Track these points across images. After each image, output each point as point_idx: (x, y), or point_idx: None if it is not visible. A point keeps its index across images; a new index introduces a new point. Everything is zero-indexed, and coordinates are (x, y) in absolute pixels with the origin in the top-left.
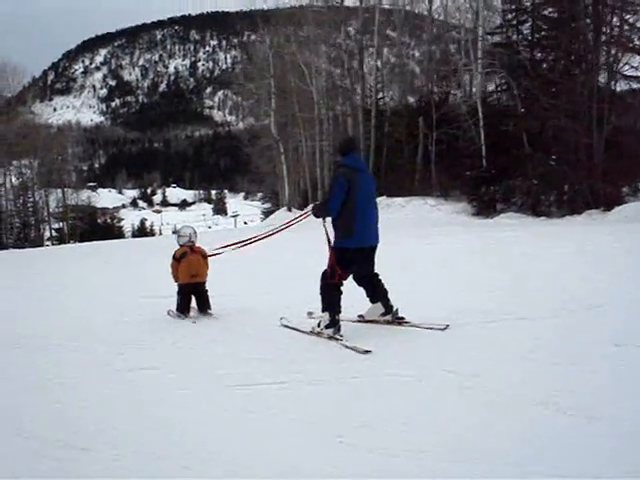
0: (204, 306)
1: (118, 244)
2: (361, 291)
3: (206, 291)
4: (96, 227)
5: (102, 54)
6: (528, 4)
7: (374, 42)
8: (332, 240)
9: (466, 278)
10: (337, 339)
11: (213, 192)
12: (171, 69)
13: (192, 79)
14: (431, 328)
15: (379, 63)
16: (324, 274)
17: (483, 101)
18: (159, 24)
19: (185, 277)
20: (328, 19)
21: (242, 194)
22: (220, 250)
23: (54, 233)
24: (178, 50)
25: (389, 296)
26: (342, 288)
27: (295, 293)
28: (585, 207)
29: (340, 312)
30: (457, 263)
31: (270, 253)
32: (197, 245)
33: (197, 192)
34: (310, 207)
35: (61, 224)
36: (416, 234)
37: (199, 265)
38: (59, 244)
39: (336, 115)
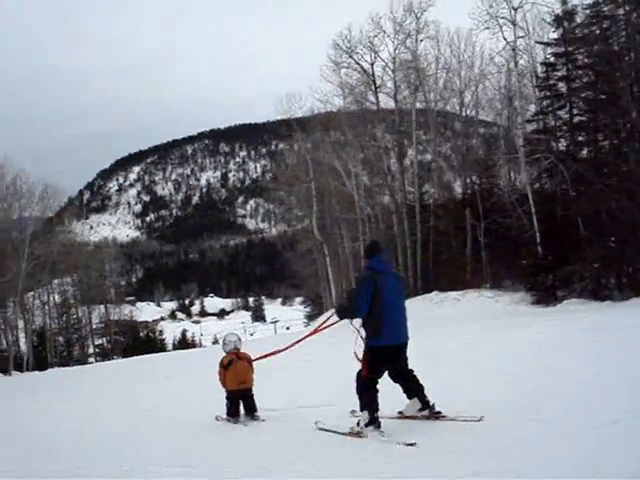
0: (251, 410)
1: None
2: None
3: (252, 395)
4: (138, 341)
5: (135, 171)
6: (564, 90)
7: (412, 140)
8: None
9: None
10: (382, 435)
11: (250, 299)
12: (203, 181)
13: (223, 190)
14: (465, 420)
15: (416, 159)
16: (359, 373)
17: (532, 188)
18: (189, 139)
19: (233, 384)
20: (362, 121)
21: (279, 300)
22: (262, 355)
23: (96, 349)
24: (209, 163)
25: (425, 391)
26: (379, 386)
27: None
28: None
29: (378, 409)
30: (546, 357)
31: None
32: (242, 351)
33: (234, 300)
34: (333, 310)
35: (103, 340)
36: (483, 327)
37: (246, 372)
38: (102, 360)
39: (376, 214)
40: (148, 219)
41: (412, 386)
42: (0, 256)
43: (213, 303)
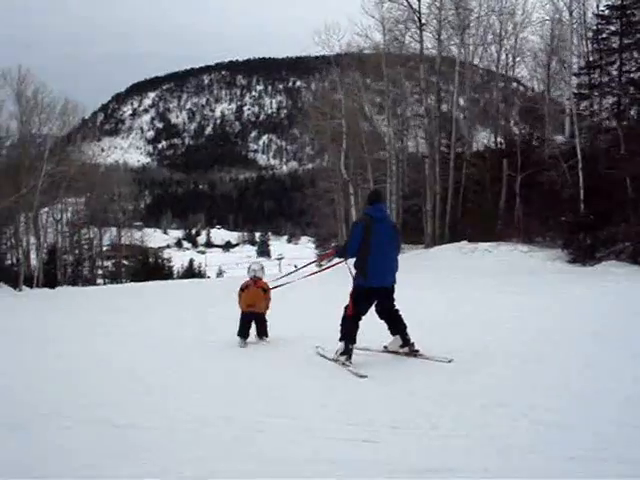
0: (260, 333)
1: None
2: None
3: (265, 320)
4: (147, 266)
5: (150, 97)
6: (616, 45)
7: (455, 83)
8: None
9: None
10: (347, 365)
11: (257, 234)
12: (217, 113)
13: (237, 123)
14: (436, 361)
15: (461, 101)
16: (345, 307)
17: (580, 142)
18: (206, 69)
19: (243, 306)
20: (400, 60)
21: (285, 237)
22: (278, 283)
23: (105, 272)
24: (224, 94)
25: (407, 330)
26: (360, 323)
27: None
28: None
29: (354, 342)
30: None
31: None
32: (262, 280)
33: (241, 234)
34: (334, 247)
35: (110, 262)
36: (526, 283)
37: (256, 297)
38: (111, 282)
39: (407, 156)
40: (160, 146)
41: (395, 324)
42: (17, 171)
43: (219, 235)
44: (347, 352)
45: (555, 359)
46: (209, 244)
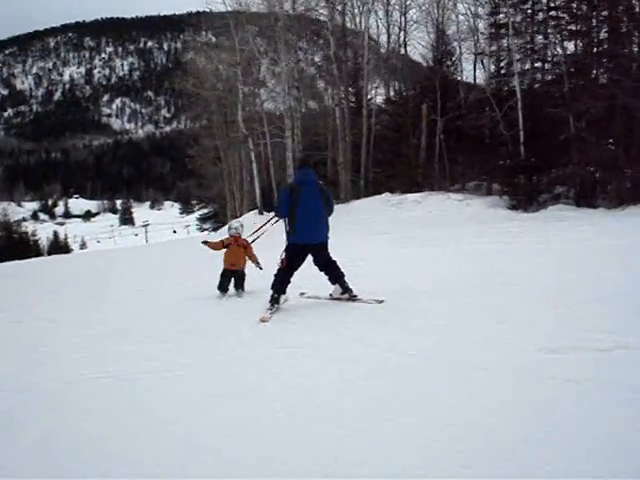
0: (238, 286)
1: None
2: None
3: (244, 275)
4: (11, 242)
5: None
6: None
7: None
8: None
9: None
10: (270, 311)
11: (118, 202)
12: (66, 77)
13: (88, 87)
14: (369, 302)
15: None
16: (280, 262)
17: (520, 81)
18: (52, 31)
19: (226, 263)
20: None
21: (148, 203)
22: (251, 238)
23: None
24: (72, 58)
25: (345, 279)
26: (293, 276)
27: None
28: None
29: (283, 292)
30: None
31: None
32: (241, 237)
33: (101, 202)
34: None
35: None
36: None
37: (238, 256)
38: None
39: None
40: (6, 114)
41: (333, 274)
42: None
43: (78, 205)
44: (276, 300)
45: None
46: (68, 214)
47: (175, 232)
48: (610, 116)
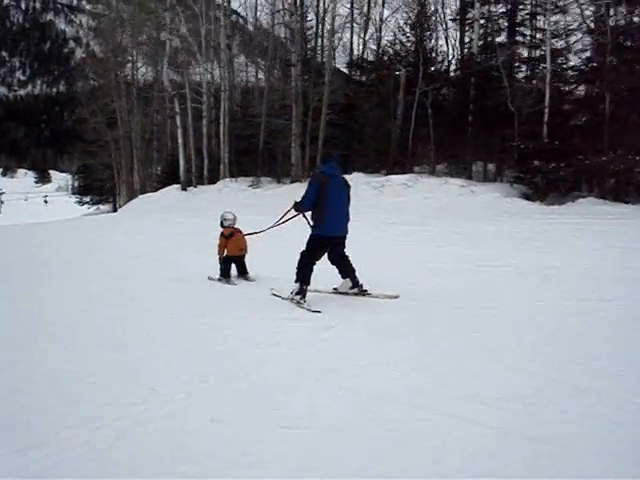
0: (244, 272)
1: None
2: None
3: (245, 261)
4: None
5: None
6: None
7: None
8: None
9: None
10: (301, 304)
11: None
12: None
13: None
14: (385, 297)
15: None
16: (302, 253)
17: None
18: None
19: (235, 251)
20: None
21: None
22: (253, 232)
23: None
24: None
25: (356, 274)
26: (315, 267)
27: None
28: None
29: (309, 284)
30: None
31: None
32: (236, 226)
33: None
34: (293, 204)
35: None
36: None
37: (244, 242)
38: None
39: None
40: None
41: (345, 269)
42: None
43: None
44: (302, 292)
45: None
46: None
47: (47, 202)
48: None
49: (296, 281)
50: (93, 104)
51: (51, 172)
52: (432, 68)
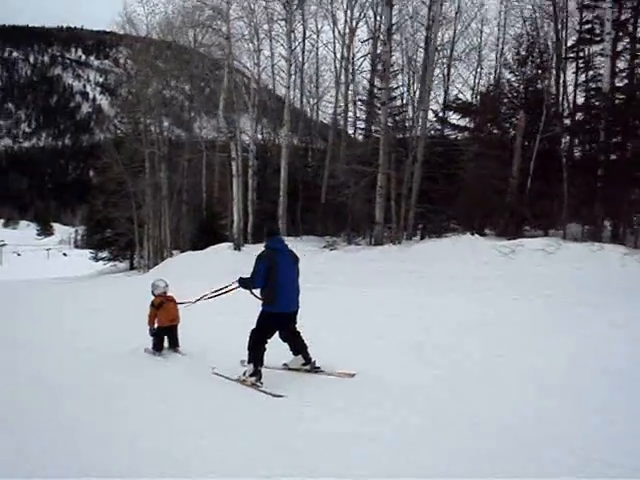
0: (175, 344)
1: None
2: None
3: (177, 332)
4: None
5: None
6: None
7: None
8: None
9: None
10: (257, 386)
11: None
12: None
13: None
14: (339, 376)
15: None
16: (253, 330)
17: None
18: None
19: (165, 321)
20: None
21: (1, 221)
22: (186, 302)
23: None
24: None
25: (308, 350)
26: (266, 345)
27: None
28: None
29: (262, 364)
30: None
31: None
32: (169, 294)
33: None
34: (237, 279)
35: None
36: None
37: (175, 311)
38: None
39: None
40: None
41: (297, 345)
42: None
43: None
44: (256, 374)
45: None
46: None
47: (66, 255)
48: None
49: (249, 362)
50: (116, 153)
51: (54, 225)
52: (553, 110)
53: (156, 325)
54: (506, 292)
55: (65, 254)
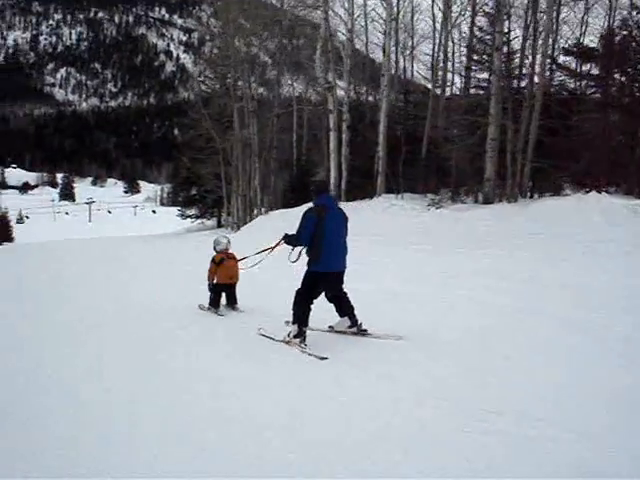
0: (233, 302)
1: None
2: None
3: (235, 290)
4: None
5: None
6: None
7: None
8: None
9: None
10: (302, 348)
11: (59, 175)
12: (10, 41)
13: (32, 53)
14: (387, 338)
15: None
16: (297, 291)
17: None
18: None
19: (224, 279)
20: None
21: (90, 179)
22: (246, 258)
23: None
24: (18, 22)
25: (355, 312)
26: (312, 306)
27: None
28: None
29: (307, 325)
30: None
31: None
32: (230, 251)
33: (40, 174)
34: (283, 236)
35: None
36: None
37: (235, 269)
38: None
39: None
40: None
41: (344, 307)
42: None
43: (15, 175)
44: (301, 334)
45: None
46: (3, 185)
47: (154, 212)
48: None
49: (293, 322)
50: (204, 109)
51: (140, 182)
52: None
53: (215, 281)
54: None
55: (154, 211)
